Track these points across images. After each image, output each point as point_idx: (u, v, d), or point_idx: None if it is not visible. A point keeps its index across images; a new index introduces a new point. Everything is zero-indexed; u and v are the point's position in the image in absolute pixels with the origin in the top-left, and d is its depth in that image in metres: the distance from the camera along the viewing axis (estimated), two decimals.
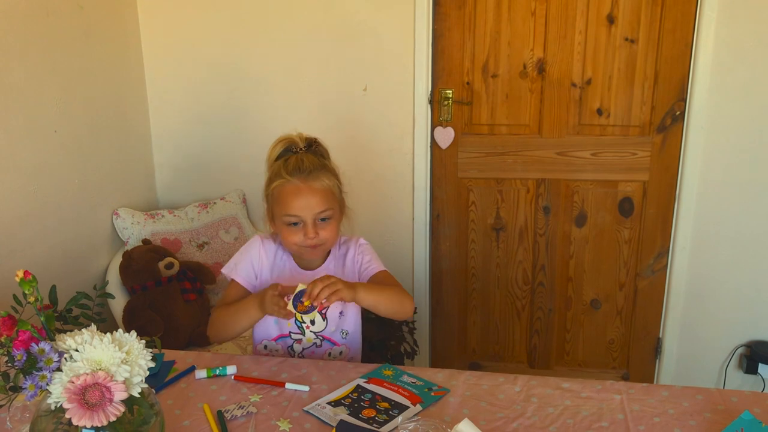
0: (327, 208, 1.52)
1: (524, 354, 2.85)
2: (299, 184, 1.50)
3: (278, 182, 1.52)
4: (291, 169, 1.51)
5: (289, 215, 1.52)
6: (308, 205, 1.50)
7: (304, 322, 1.62)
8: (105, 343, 1.06)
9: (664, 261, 2.64)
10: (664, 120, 2.49)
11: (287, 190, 1.51)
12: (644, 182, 2.57)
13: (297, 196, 1.50)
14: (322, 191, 1.52)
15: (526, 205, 2.67)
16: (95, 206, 2.43)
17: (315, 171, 1.51)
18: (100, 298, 1.19)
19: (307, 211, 1.51)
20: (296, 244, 1.54)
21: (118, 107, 2.56)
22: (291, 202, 1.51)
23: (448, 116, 2.59)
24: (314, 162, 1.53)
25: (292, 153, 1.54)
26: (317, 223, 1.53)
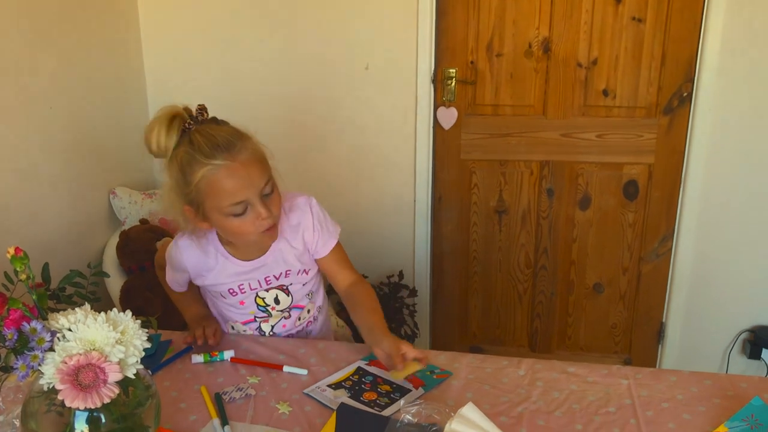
0: (268, 177, 1.31)
1: (525, 338, 2.82)
2: (228, 163, 1.25)
3: (201, 171, 1.25)
4: (207, 150, 1.24)
5: (234, 204, 1.28)
6: (250, 182, 1.27)
7: (268, 305, 1.53)
8: (99, 323, 1.02)
9: (669, 245, 2.60)
10: (671, 101, 2.45)
11: (218, 176, 1.25)
12: (650, 165, 2.53)
13: (232, 177, 1.25)
14: (255, 161, 1.28)
15: (530, 187, 2.63)
16: (92, 185, 2.39)
17: (234, 141, 1.27)
18: (94, 277, 1.16)
19: (251, 189, 1.28)
20: (252, 232, 1.33)
21: (115, 83, 2.52)
22: (229, 188, 1.26)
23: (451, 96, 2.54)
24: (224, 131, 1.29)
25: (190, 132, 1.27)
26: (263, 199, 1.30)
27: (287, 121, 2.67)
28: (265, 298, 1.52)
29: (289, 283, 1.52)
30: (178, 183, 1.29)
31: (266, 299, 1.52)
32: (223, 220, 1.31)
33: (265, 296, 1.52)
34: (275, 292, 1.52)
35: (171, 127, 1.27)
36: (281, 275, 1.49)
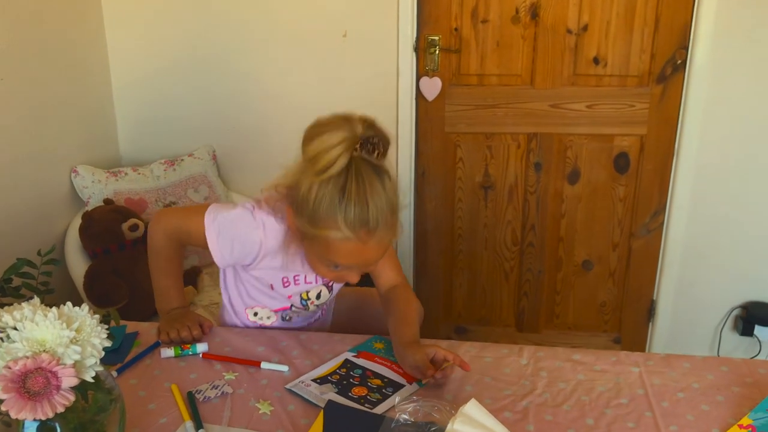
0: (382, 254, 1.22)
1: (512, 317, 2.72)
2: (360, 243, 1.14)
3: (333, 233, 1.13)
4: (351, 219, 1.11)
5: (337, 264, 1.21)
6: (364, 261, 1.21)
7: (309, 299, 1.43)
8: (50, 320, 0.88)
9: (661, 219, 2.51)
10: (664, 69, 2.34)
11: (342, 246, 1.15)
12: (642, 136, 2.42)
13: (353, 253, 1.16)
14: (385, 244, 1.19)
15: (517, 161, 2.51)
16: (52, 163, 2.22)
17: (383, 220, 1.13)
18: (46, 266, 1.01)
19: (360, 264, 1.23)
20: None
21: (74, 53, 2.34)
22: (344, 257, 1.18)
23: (434, 65, 2.40)
24: (382, 204, 1.12)
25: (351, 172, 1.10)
26: (361, 269, 1.27)
27: (262, 92, 2.51)
28: (309, 292, 1.42)
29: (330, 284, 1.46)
30: (306, 219, 1.16)
31: (310, 293, 1.42)
32: (314, 256, 1.24)
33: (310, 290, 1.41)
34: (321, 287, 1.43)
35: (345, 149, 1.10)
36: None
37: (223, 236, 1.28)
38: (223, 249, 1.29)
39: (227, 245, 1.28)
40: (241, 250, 1.29)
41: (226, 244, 1.28)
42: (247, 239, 1.27)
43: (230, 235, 1.28)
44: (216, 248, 1.29)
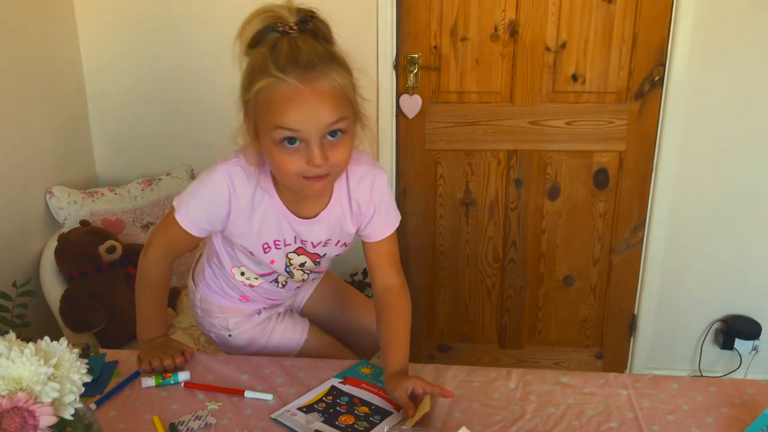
0: (339, 117, 1.08)
1: (494, 333, 2.71)
2: (298, 84, 1.04)
3: (265, 81, 1.06)
4: (283, 62, 1.05)
5: (284, 128, 1.07)
6: (313, 115, 1.06)
7: (291, 265, 1.38)
8: (26, 356, 0.85)
9: (640, 235, 2.52)
10: (642, 86, 2.35)
11: (280, 95, 1.05)
12: (621, 152, 2.44)
13: (296, 102, 1.05)
14: (331, 94, 1.07)
15: (497, 177, 2.51)
16: (25, 184, 2.17)
17: (320, 63, 1.06)
18: (21, 297, 0.98)
19: (312, 124, 1.06)
20: (295, 173, 1.11)
21: (47, 71, 2.29)
22: (287, 111, 1.06)
23: (414, 83, 2.40)
24: (317, 49, 1.08)
25: (279, 34, 1.08)
26: (325, 141, 1.09)
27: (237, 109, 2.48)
28: (292, 260, 1.36)
29: (323, 253, 1.37)
30: (243, 86, 1.12)
31: (293, 260, 1.36)
32: (270, 145, 1.11)
33: (293, 258, 1.36)
34: (306, 257, 1.37)
35: (254, 20, 1.10)
36: (319, 243, 1.34)
37: (194, 208, 1.28)
38: (198, 221, 1.28)
39: (200, 213, 1.28)
40: (214, 210, 1.26)
41: (198, 214, 1.28)
42: (214, 195, 1.25)
43: (198, 203, 1.27)
44: (192, 225, 1.28)
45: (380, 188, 1.31)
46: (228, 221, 1.27)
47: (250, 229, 1.28)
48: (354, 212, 1.32)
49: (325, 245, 1.35)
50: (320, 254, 1.38)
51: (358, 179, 1.29)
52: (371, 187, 1.30)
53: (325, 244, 1.35)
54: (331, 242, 1.36)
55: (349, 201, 1.31)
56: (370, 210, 1.32)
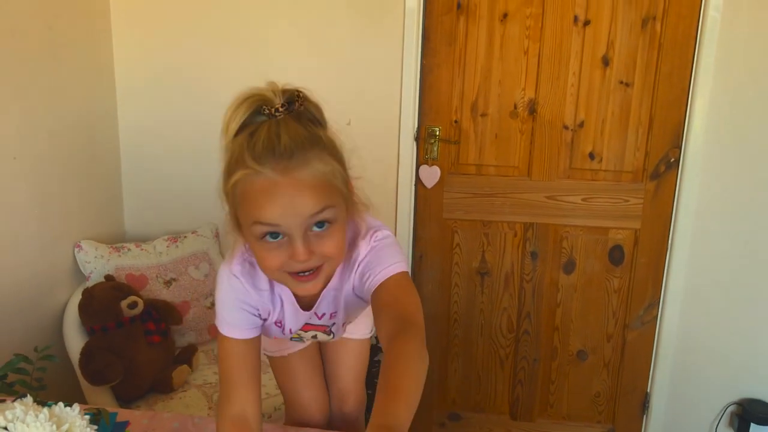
0: (323, 207, 0.98)
1: (506, 405, 2.71)
2: (275, 176, 0.95)
3: (240, 174, 0.97)
4: (260, 151, 0.95)
5: (262, 223, 0.98)
6: (292, 208, 0.97)
7: (303, 338, 1.36)
8: (41, 421, 0.91)
9: (655, 312, 2.53)
10: (658, 167, 2.40)
11: (256, 188, 0.97)
12: (636, 230, 2.47)
13: (273, 195, 0.96)
14: (312, 183, 0.97)
15: (513, 249, 2.56)
16: (56, 238, 2.27)
17: (299, 150, 0.96)
18: (41, 361, 1.04)
19: (292, 217, 0.97)
20: (278, 268, 1.03)
21: (85, 133, 2.41)
22: (264, 205, 0.97)
23: (434, 154, 2.47)
24: (298, 134, 0.97)
25: (265, 117, 0.98)
26: (310, 233, 1.00)
27: None
28: (302, 336, 1.33)
29: (331, 323, 1.29)
30: (223, 177, 1.02)
31: (303, 337, 1.33)
32: (252, 241, 1.02)
33: (301, 335, 1.32)
34: (314, 331, 1.31)
35: (240, 107, 1.00)
36: (323, 316, 1.26)
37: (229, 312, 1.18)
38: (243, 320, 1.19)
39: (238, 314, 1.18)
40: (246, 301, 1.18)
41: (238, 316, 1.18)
42: (226, 300, 1.18)
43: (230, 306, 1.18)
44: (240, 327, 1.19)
45: (379, 236, 1.15)
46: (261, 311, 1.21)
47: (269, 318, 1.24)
48: (360, 270, 1.16)
49: (331, 317, 1.28)
50: (328, 325, 1.31)
51: (360, 245, 1.15)
52: (369, 240, 1.15)
53: (332, 315, 1.27)
54: (338, 313, 1.27)
55: (345, 274, 1.18)
56: (366, 268, 1.15)
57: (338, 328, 1.34)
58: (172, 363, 2.24)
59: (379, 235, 1.15)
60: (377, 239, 1.15)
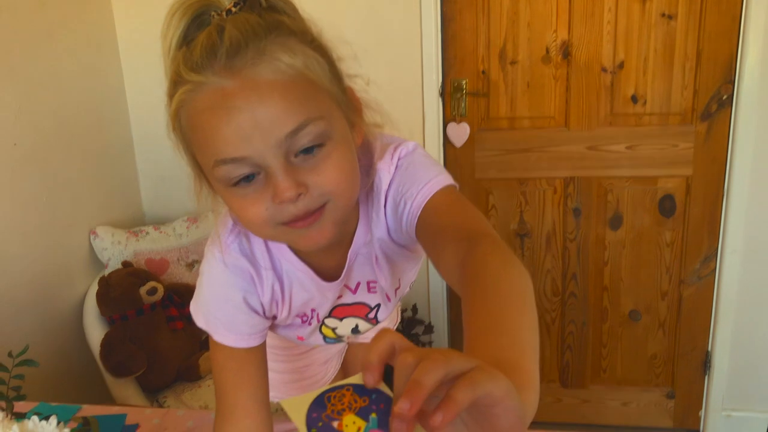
0: (306, 119, 0.68)
1: (556, 372, 2.55)
2: (220, 82, 0.67)
3: (180, 95, 0.69)
4: (198, 57, 0.67)
5: (224, 161, 0.68)
6: (255, 125, 0.66)
7: (341, 336, 1.02)
8: None
9: (712, 265, 2.33)
10: (708, 106, 2.18)
11: (202, 107, 0.68)
12: (687, 177, 2.26)
13: (224, 112, 0.66)
14: (280, 83, 0.67)
15: (554, 207, 2.37)
16: (69, 226, 2.16)
17: (253, 40, 0.67)
18: (19, 368, 0.92)
19: (261, 140, 0.67)
20: (264, 221, 0.72)
21: (92, 113, 2.29)
22: (217, 132, 0.67)
23: (462, 110, 2.29)
24: (248, 22, 0.68)
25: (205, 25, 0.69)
26: (292, 161, 0.69)
27: None
28: (337, 329, 1.00)
29: (375, 303, 0.97)
30: (168, 109, 0.73)
31: (338, 329, 1.00)
32: (223, 192, 0.73)
33: (336, 326, 0.99)
34: (353, 320, 0.99)
35: (181, 14, 0.70)
36: (358, 287, 0.93)
37: (224, 315, 0.89)
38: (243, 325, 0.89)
39: (237, 317, 0.88)
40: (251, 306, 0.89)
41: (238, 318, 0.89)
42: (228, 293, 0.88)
43: (223, 308, 0.89)
44: (239, 335, 0.90)
45: (403, 151, 0.86)
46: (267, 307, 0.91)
47: (282, 311, 0.93)
48: (390, 203, 0.85)
49: (370, 289, 0.94)
50: (369, 304, 0.97)
51: (380, 169, 0.84)
52: (391, 160, 0.85)
53: (370, 287, 0.94)
54: (379, 281, 0.93)
55: (373, 204, 0.86)
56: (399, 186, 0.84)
57: (384, 307, 0.99)
58: (198, 349, 2.14)
59: (402, 150, 0.85)
60: (401, 156, 0.85)
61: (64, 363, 2.06)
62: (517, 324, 0.59)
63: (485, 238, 0.69)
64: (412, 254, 0.93)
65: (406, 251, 0.91)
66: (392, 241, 0.88)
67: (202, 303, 0.91)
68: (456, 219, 0.77)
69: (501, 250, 0.68)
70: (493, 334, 0.58)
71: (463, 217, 0.77)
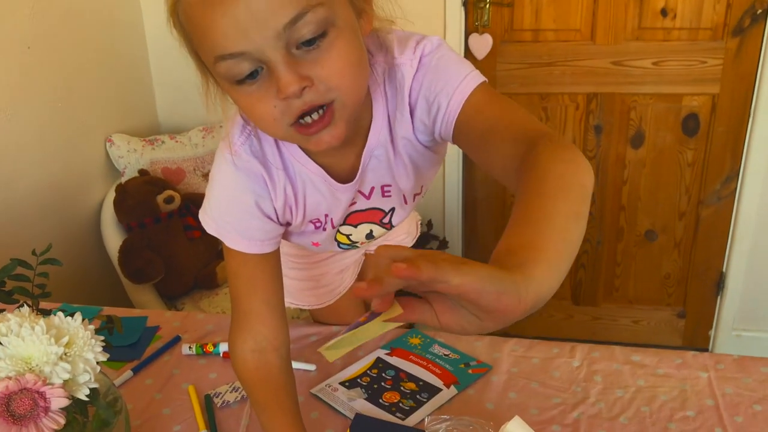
0: (302, 8, 0.64)
1: (568, 290, 2.57)
2: None
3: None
4: None
5: (223, 56, 0.66)
6: (251, 15, 0.63)
7: (355, 242, 1.01)
8: (37, 333, 0.80)
9: (733, 186, 2.30)
10: (741, 20, 2.10)
11: (192, 4, 0.67)
12: (714, 95, 2.20)
13: (220, 4, 0.64)
14: None
15: (575, 123, 2.33)
16: (85, 132, 2.15)
17: None
18: (43, 266, 0.92)
19: (258, 31, 0.64)
20: (272, 118, 0.70)
21: (106, 17, 2.24)
22: (214, 26, 0.65)
23: (485, 21, 2.22)
24: None
25: None
26: (293, 54, 0.66)
27: None
28: (351, 235, 0.98)
29: (389, 207, 0.95)
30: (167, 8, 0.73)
31: (353, 236, 0.99)
32: (229, 89, 0.72)
33: (351, 232, 0.98)
34: (368, 225, 0.97)
35: None
36: (372, 192, 0.91)
37: (238, 220, 0.87)
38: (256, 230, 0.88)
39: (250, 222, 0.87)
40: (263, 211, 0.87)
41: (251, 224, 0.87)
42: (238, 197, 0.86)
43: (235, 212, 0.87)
44: (252, 240, 0.88)
45: (428, 46, 0.82)
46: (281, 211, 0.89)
47: (296, 216, 0.91)
48: (416, 101, 0.82)
49: (384, 194, 0.92)
50: (384, 209, 0.95)
51: (401, 64, 0.81)
52: (414, 54, 0.82)
53: (385, 191, 0.92)
54: (395, 184, 0.91)
55: (396, 102, 0.83)
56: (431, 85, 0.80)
57: (400, 210, 0.96)
58: (215, 258, 2.16)
59: (426, 46, 0.81)
60: (425, 53, 0.81)
61: (82, 267, 2.09)
62: (549, 212, 0.58)
63: (545, 137, 0.67)
64: (435, 155, 0.91)
65: (430, 152, 0.89)
66: (417, 141, 0.86)
67: (213, 208, 0.89)
68: (505, 117, 0.74)
69: (562, 148, 0.66)
70: (518, 224, 0.57)
71: (513, 116, 0.74)
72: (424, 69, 0.81)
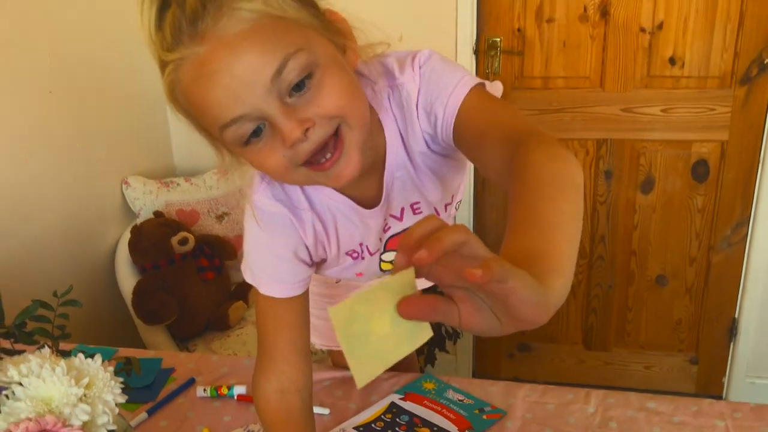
0: (285, 56, 0.67)
1: (579, 334, 2.56)
2: (193, 51, 0.68)
3: (166, 77, 0.71)
4: (169, 36, 0.69)
5: (225, 125, 0.70)
6: (239, 81, 0.67)
7: None
8: (57, 375, 0.81)
9: (744, 232, 2.30)
10: (749, 70, 2.13)
11: (187, 81, 0.70)
12: (723, 142, 2.23)
13: (207, 79, 0.67)
14: (250, 32, 0.67)
15: (585, 168, 2.35)
16: (102, 174, 2.19)
17: (209, 2, 0.67)
18: (63, 308, 0.94)
19: (249, 94, 0.68)
20: (285, 167, 0.73)
21: (125, 62, 2.28)
22: (208, 100, 0.69)
23: (495, 69, 2.26)
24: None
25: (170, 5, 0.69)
26: (288, 102, 0.69)
27: None
28: None
29: None
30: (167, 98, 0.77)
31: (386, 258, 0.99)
32: (240, 152, 0.75)
33: (393, 258, 0.92)
34: None
35: (153, 2, 0.70)
36: (403, 213, 0.92)
37: (268, 265, 0.91)
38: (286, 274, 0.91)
39: (280, 266, 0.90)
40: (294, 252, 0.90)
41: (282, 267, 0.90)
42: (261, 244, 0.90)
43: (266, 256, 0.91)
44: (283, 284, 0.91)
45: (422, 58, 0.85)
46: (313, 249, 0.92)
47: (330, 250, 0.93)
48: (421, 113, 0.84)
49: (415, 211, 0.92)
50: None
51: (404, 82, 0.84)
52: (412, 68, 0.84)
53: (415, 209, 0.92)
54: (423, 200, 0.92)
55: (405, 120, 0.85)
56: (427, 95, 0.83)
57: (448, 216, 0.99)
58: (228, 299, 2.17)
59: (421, 58, 0.84)
60: (421, 63, 0.84)
61: (95, 308, 2.11)
62: (550, 212, 0.59)
63: (532, 136, 0.69)
64: (456, 162, 0.92)
65: (449, 160, 0.91)
66: (433, 152, 0.88)
67: (246, 256, 0.93)
68: (495, 119, 0.77)
69: (549, 146, 0.67)
70: (525, 226, 0.58)
71: (503, 117, 0.77)
72: (422, 81, 0.84)
